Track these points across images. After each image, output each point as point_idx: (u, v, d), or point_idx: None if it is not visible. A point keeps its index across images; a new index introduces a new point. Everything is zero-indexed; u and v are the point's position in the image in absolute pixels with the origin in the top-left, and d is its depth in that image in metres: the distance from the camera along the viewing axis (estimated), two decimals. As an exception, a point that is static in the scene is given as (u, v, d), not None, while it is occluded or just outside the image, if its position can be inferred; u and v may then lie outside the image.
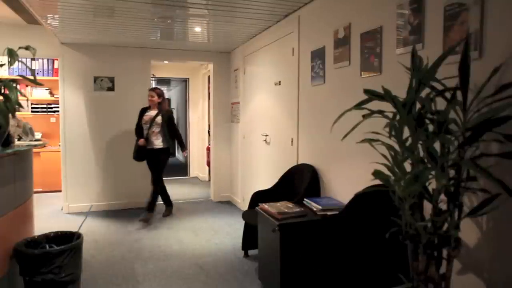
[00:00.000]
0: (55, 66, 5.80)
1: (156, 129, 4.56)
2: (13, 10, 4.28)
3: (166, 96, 12.71)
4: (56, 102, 5.84)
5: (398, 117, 1.53)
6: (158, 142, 4.56)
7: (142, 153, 4.58)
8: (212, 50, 5.55)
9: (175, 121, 4.84)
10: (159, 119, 4.55)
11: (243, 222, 3.44)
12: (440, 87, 1.58)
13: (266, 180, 4.15)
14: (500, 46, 1.60)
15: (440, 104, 1.62)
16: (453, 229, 1.49)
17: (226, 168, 5.75)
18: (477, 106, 1.50)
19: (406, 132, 1.53)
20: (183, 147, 4.79)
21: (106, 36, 4.55)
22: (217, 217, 4.83)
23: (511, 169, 1.54)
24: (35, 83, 2.43)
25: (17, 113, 2.39)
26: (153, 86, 5.22)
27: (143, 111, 4.68)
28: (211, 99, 5.88)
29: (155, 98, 4.59)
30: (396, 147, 1.58)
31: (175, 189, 6.63)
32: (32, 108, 6.02)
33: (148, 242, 3.85)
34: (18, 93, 2.24)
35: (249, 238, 3.37)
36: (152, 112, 4.61)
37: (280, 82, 3.91)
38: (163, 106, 4.65)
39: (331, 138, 2.90)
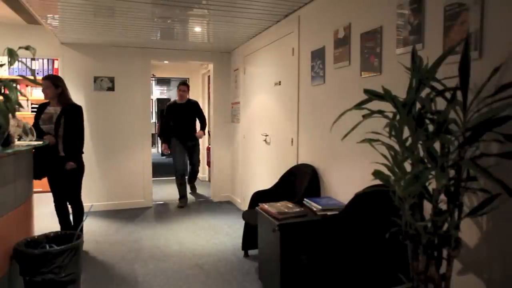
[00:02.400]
0: (55, 66, 5.79)
1: (61, 131, 3.37)
2: (13, 10, 4.28)
3: (166, 96, 11.96)
4: (56, 102, 5.82)
5: (398, 117, 1.53)
6: (64, 149, 3.42)
7: (46, 163, 3.32)
8: (212, 50, 5.55)
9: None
10: (60, 116, 3.39)
11: (243, 222, 3.44)
12: (440, 87, 1.58)
13: (266, 180, 4.15)
14: (500, 46, 1.60)
15: (440, 104, 1.62)
16: (453, 229, 1.49)
17: (226, 168, 5.75)
18: (477, 106, 1.50)
19: (406, 132, 1.53)
20: (73, 157, 3.42)
21: (106, 36, 4.55)
22: (217, 217, 4.83)
23: (511, 169, 1.54)
24: (35, 83, 2.43)
25: (17, 113, 2.39)
26: (49, 73, 3.66)
27: (42, 107, 3.47)
28: (211, 99, 5.88)
29: (50, 90, 3.36)
30: (396, 147, 1.58)
31: (175, 189, 6.63)
32: (32, 108, 6.01)
33: (148, 242, 3.85)
34: (18, 93, 2.24)
35: (249, 238, 3.37)
36: (51, 109, 3.43)
37: (280, 82, 3.91)
38: (65, 99, 3.44)
39: (331, 138, 2.90)
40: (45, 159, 3.31)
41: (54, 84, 3.38)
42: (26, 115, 5.77)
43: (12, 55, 2.26)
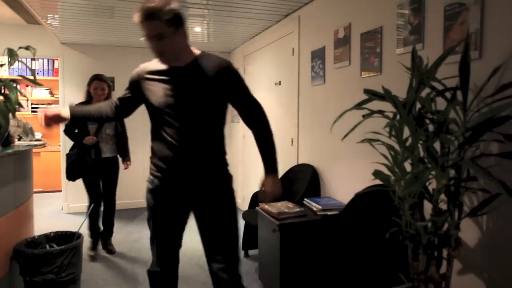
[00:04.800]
0: (55, 66, 5.80)
1: (110, 131, 3.37)
2: (13, 10, 4.28)
3: None
4: (56, 102, 5.84)
5: (398, 117, 1.53)
6: (112, 149, 3.44)
7: (85, 164, 3.24)
8: (212, 50, 5.54)
9: None
10: None
11: (243, 222, 3.44)
12: (440, 87, 1.58)
13: (266, 180, 4.15)
14: (500, 46, 1.60)
15: (440, 104, 1.62)
16: (453, 229, 1.49)
17: (226, 168, 5.74)
18: (477, 106, 1.50)
19: (406, 132, 1.53)
20: (128, 156, 3.64)
21: (106, 36, 4.54)
22: (217, 217, 4.82)
23: (511, 169, 1.54)
24: (35, 83, 2.43)
25: (17, 113, 2.39)
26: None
27: None
28: (211, 99, 5.88)
29: (105, 91, 3.39)
30: (396, 147, 1.58)
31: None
32: (32, 108, 6.03)
33: (148, 242, 3.84)
34: (18, 93, 2.24)
35: (249, 238, 3.36)
36: None
37: (280, 82, 3.91)
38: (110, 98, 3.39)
39: (331, 138, 2.90)
40: (83, 160, 3.23)
41: (108, 85, 3.43)
42: (26, 115, 5.78)
43: (12, 55, 2.26)
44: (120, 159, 3.59)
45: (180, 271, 3.12)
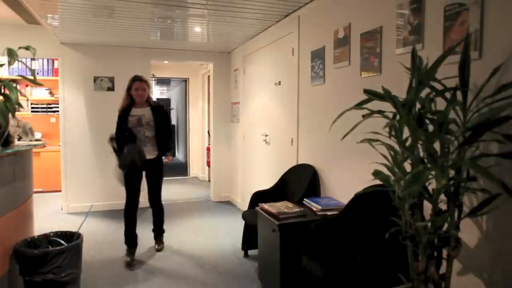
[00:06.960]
0: (55, 66, 5.80)
1: (149, 133, 3.37)
2: (13, 10, 4.28)
3: (166, 96, 11.62)
4: (56, 102, 5.84)
5: (398, 117, 1.53)
6: (153, 151, 3.42)
7: (133, 163, 3.23)
8: (212, 50, 5.55)
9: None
10: (150, 118, 3.36)
11: (243, 222, 3.44)
12: (440, 87, 1.58)
13: (266, 180, 4.15)
14: (500, 46, 1.60)
15: (440, 104, 1.62)
16: (453, 229, 1.49)
17: (226, 168, 5.75)
18: (477, 106, 1.50)
19: (406, 132, 1.53)
20: (170, 152, 3.57)
21: (106, 36, 4.55)
22: (217, 217, 4.83)
23: (511, 169, 1.54)
24: (35, 83, 2.43)
25: (17, 113, 2.39)
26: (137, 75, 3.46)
27: (126, 111, 3.37)
28: (211, 99, 5.88)
29: (146, 92, 3.35)
30: (396, 147, 1.58)
31: (175, 189, 6.63)
32: (32, 108, 6.03)
33: (147, 242, 3.85)
34: (18, 93, 2.24)
35: (249, 238, 3.37)
36: (139, 110, 3.38)
37: (280, 82, 3.91)
38: (151, 100, 3.47)
39: (331, 138, 2.90)
40: (131, 158, 3.21)
41: (148, 85, 3.39)
42: (26, 115, 5.78)
43: (11, 55, 2.26)
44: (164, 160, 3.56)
45: (180, 271, 3.13)
